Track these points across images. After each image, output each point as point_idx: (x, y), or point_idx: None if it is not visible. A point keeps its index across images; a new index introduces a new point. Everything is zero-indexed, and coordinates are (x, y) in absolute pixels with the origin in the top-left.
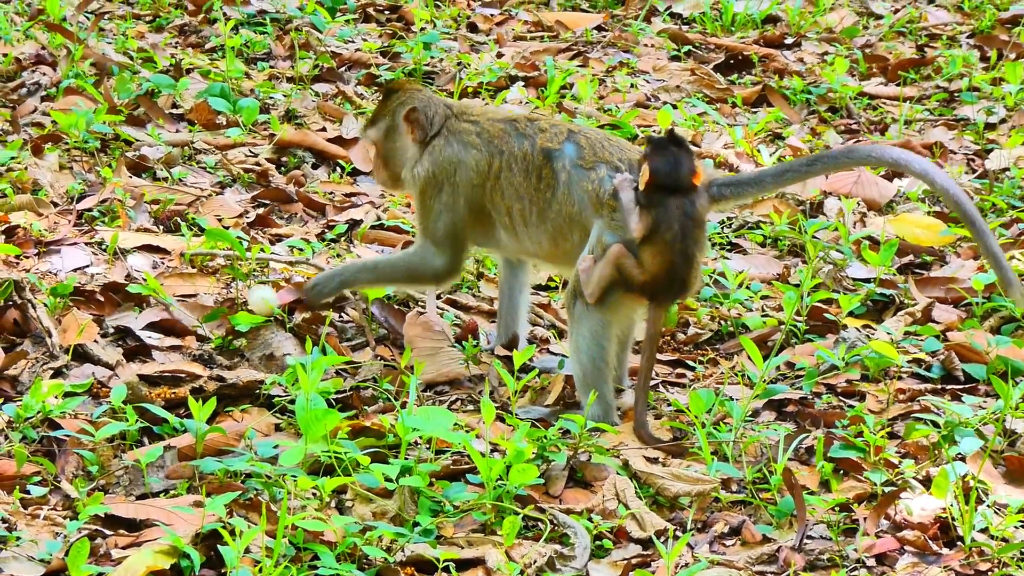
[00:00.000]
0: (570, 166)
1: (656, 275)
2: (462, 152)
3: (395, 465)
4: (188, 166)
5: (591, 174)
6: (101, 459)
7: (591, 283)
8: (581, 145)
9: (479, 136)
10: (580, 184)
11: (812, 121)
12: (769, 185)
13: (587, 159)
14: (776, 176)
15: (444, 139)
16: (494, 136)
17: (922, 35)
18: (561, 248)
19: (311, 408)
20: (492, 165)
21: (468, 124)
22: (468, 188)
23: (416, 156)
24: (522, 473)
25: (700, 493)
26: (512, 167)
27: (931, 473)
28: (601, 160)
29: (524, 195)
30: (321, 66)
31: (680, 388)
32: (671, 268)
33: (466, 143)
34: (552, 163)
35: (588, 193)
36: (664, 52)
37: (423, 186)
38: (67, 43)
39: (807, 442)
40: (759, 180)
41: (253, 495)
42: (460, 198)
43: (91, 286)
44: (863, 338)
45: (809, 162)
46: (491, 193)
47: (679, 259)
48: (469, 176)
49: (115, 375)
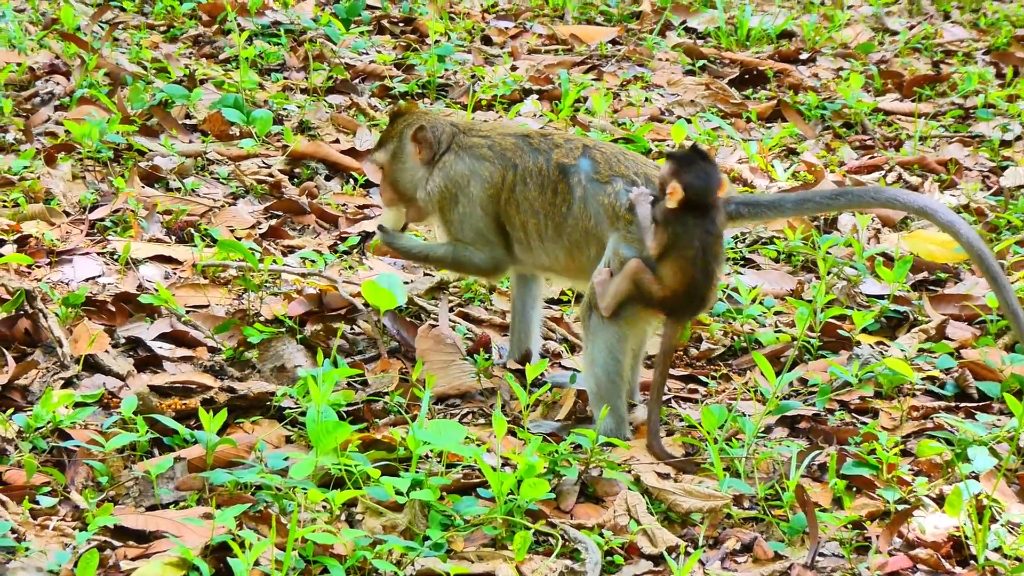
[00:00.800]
0: (586, 180)
1: (676, 291)
2: (474, 164)
3: (406, 478)
4: (201, 177)
5: (607, 188)
6: (111, 470)
7: (607, 297)
8: (596, 160)
9: (491, 149)
10: (596, 198)
11: (827, 137)
12: (788, 211)
13: (603, 173)
14: (796, 204)
15: (454, 154)
16: (506, 149)
17: (938, 51)
18: (577, 261)
19: (322, 420)
20: (506, 178)
21: (478, 139)
22: (483, 199)
23: (426, 175)
24: (533, 488)
25: (712, 509)
26: (527, 181)
27: (944, 491)
28: (617, 174)
29: (539, 210)
30: (335, 78)
31: (692, 404)
32: (692, 284)
33: (478, 156)
34: (568, 178)
35: (604, 207)
36: (679, 66)
37: (440, 201)
38: (81, 52)
39: (820, 459)
40: (778, 205)
41: (263, 507)
42: (477, 207)
43: (103, 296)
44: (877, 355)
45: (832, 196)
46: (505, 207)
47: (700, 275)
48: (483, 187)
49: (126, 386)
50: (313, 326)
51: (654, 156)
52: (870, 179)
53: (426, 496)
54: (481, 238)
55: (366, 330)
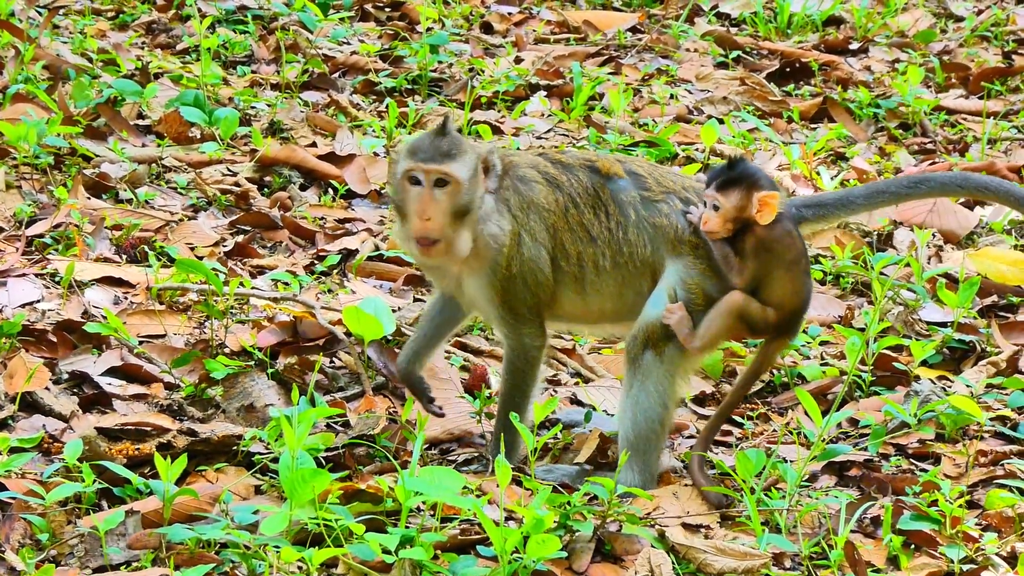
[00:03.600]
0: (637, 199)
1: (794, 308)
2: (527, 190)
3: (394, 535)
4: (156, 186)
5: (662, 207)
6: (52, 526)
7: (702, 336)
8: (640, 174)
9: (535, 168)
10: (651, 220)
11: (880, 139)
12: (859, 207)
13: (653, 190)
14: (867, 197)
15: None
16: (539, 167)
17: (1009, 40)
18: (624, 301)
19: (297, 468)
20: (559, 200)
21: (510, 159)
22: (544, 232)
23: (492, 209)
24: (542, 545)
25: (748, 570)
26: (578, 203)
27: (1017, 549)
28: (668, 190)
29: (596, 236)
30: (311, 71)
31: (726, 448)
32: (807, 294)
33: (527, 180)
34: (615, 195)
35: (661, 229)
36: (709, 58)
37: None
38: (15, 42)
39: (873, 511)
40: (846, 202)
41: (229, 568)
42: (541, 248)
43: (42, 324)
44: (938, 391)
45: (911, 183)
46: (561, 237)
47: (809, 282)
48: (542, 216)
49: (69, 428)
50: (287, 359)
51: (681, 163)
52: None
53: (418, 555)
54: (534, 311)
55: (348, 363)
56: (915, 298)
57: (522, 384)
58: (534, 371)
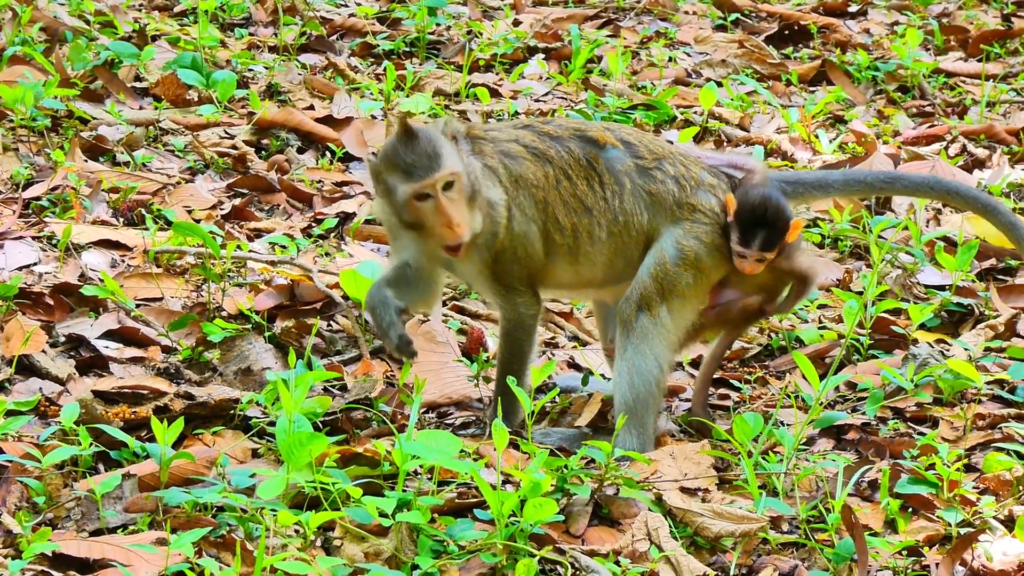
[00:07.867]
0: (632, 167)
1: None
2: (514, 165)
3: (391, 498)
4: (153, 149)
5: (655, 174)
6: (49, 489)
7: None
8: (631, 142)
9: (517, 142)
10: (647, 188)
11: (879, 102)
12: (834, 191)
13: (646, 157)
14: (844, 183)
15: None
16: (524, 140)
17: (1008, 2)
18: (613, 269)
19: (294, 431)
20: (548, 174)
21: (487, 143)
22: (533, 208)
23: (480, 174)
24: (539, 509)
25: (745, 533)
26: (570, 175)
27: (1014, 512)
28: (660, 156)
29: (591, 206)
30: (309, 34)
31: (724, 412)
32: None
33: (512, 155)
34: (609, 164)
35: (658, 196)
36: (708, 21)
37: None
38: (12, 4)
39: (870, 475)
40: (823, 184)
41: (226, 532)
42: (531, 223)
43: (39, 287)
44: (936, 355)
45: (887, 179)
46: (554, 211)
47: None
48: (531, 192)
49: (66, 391)
50: (284, 322)
51: (679, 126)
52: (929, 151)
53: (415, 518)
54: (525, 281)
55: (345, 327)
56: (913, 261)
57: (519, 351)
58: (531, 338)
